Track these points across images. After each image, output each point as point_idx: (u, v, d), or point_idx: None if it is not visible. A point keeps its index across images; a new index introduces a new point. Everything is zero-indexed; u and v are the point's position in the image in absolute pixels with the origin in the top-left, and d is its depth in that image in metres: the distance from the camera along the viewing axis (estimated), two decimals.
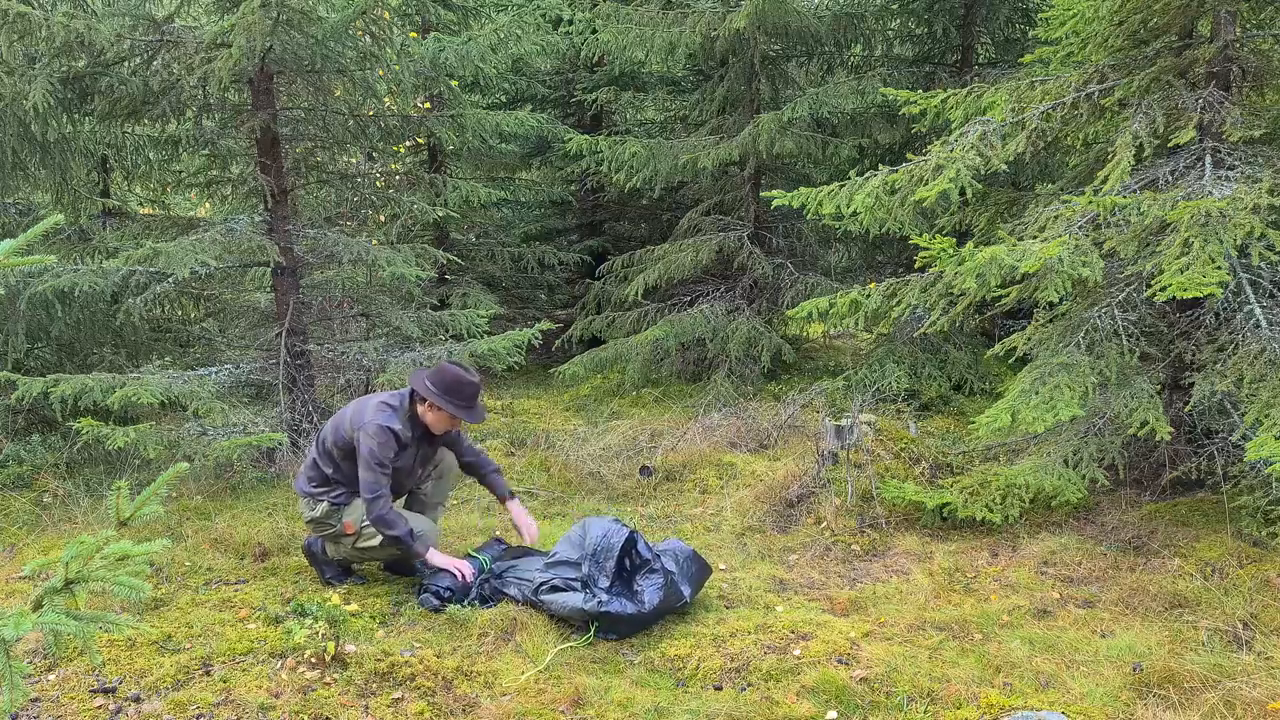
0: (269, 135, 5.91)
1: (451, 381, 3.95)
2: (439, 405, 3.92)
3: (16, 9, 4.88)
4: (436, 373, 3.98)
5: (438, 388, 3.94)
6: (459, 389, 3.95)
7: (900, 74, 8.19)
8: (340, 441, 4.02)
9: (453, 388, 3.94)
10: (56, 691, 3.28)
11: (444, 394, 3.93)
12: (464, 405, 3.97)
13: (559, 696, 3.25)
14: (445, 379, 3.95)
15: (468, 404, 3.98)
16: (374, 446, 3.87)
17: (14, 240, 1.77)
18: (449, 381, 3.95)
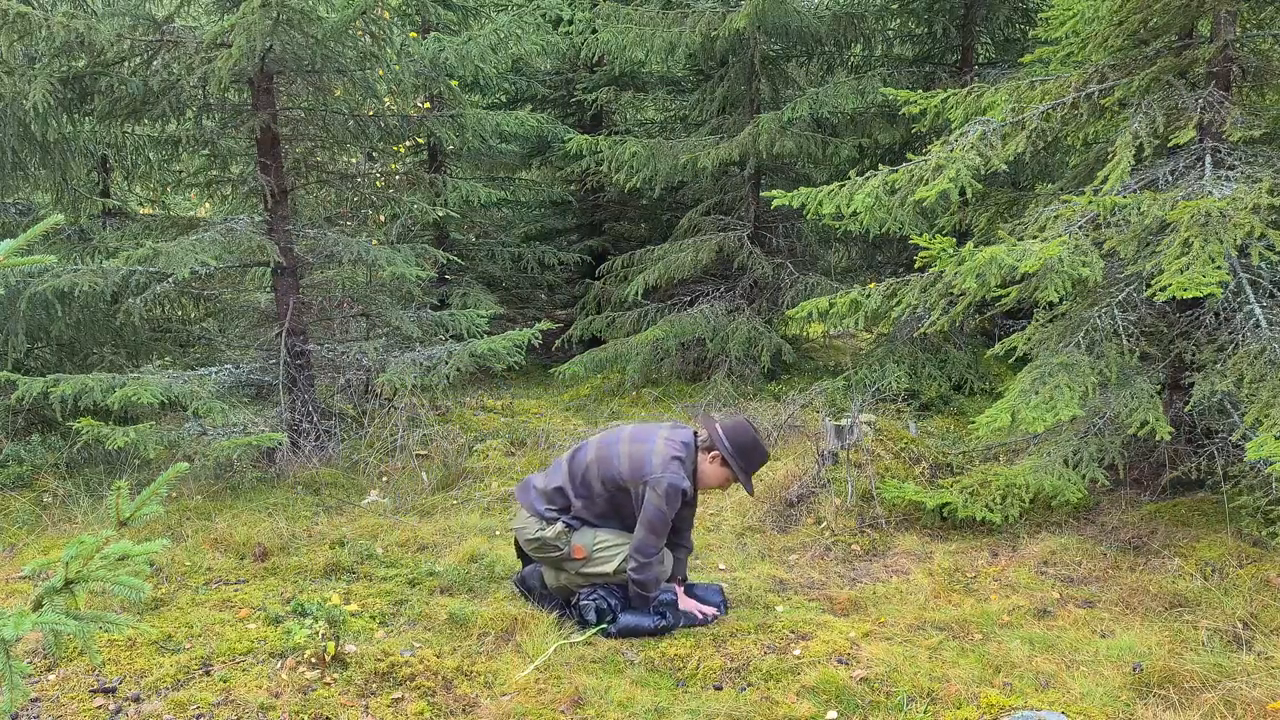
0: (269, 135, 5.91)
1: (749, 443, 3.71)
2: (730, 465, 3.70)
3: (16, 9, 4.88)
4: (734, 428, 3.73)
5: (733, 445, 3.69)
6: (753, 454, 3.72)
7: (900, 74, 8.19)
8: (611, 481, 3.72)
9: (748, 450, 3.71)
10: (56, 691, 3.28)
11: (738, 454, 3.70)
12: (750, 471, 3.75)
13: (559, 696, 3.25)
14: (743, 439, 3.71)
15: (753, 470, 3.77)
16: (663, 508, 3.60)
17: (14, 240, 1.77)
18: (747, 443, 3.71)
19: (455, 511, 5.23)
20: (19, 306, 5.75)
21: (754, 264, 8.38)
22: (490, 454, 6.37)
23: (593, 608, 3.75)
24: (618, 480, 3.70)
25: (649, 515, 3.60)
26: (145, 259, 5.35)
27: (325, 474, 5.68)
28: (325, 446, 6.03)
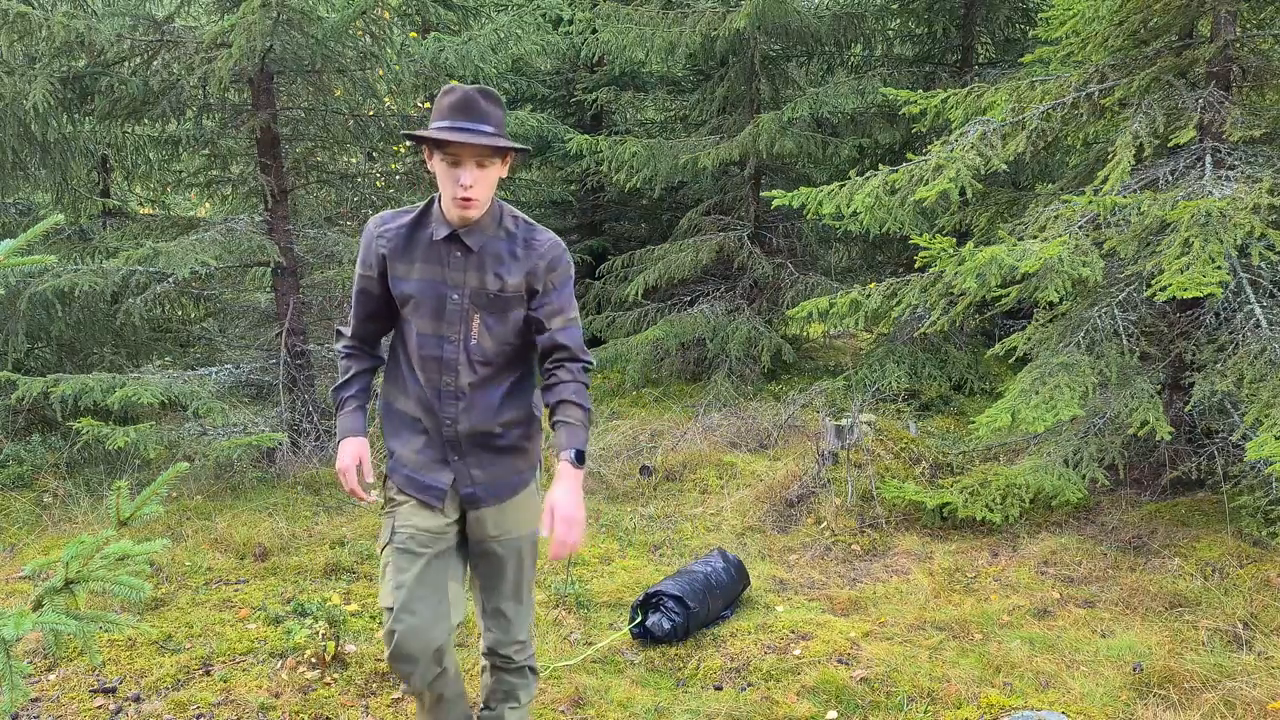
0: (269, 135, 5.91)
1: (440, 98, 2.25)
2: (415, 133, 2.22)
3: (17, 9, 4.88)
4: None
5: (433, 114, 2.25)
6: (437, 102, 2.25)
7: (900, 74, 8.19)
8: None
9: (435, 106, 2.25)
10: (57, 691, 3.28)
11: (434, 116, 2.24)
12: (451, 116, 2.20)
13: (559, 696, 3.25)
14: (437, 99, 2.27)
15: (456, 114, 2.20)
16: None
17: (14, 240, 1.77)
18: (439, 100, 2.25)
19: None
20: (19, 306, 5.75)
21: (754, 264, 8.38)
22: None
23: (648, 634, 3.67)
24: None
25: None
26: (145, 259, 5.34)
27: (325, 474, 5.68)
28: (325, 446, 6.02)
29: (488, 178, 2.22)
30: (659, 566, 4.49)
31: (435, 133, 2.16)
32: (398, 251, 2.30)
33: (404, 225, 2.31)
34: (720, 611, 3.85)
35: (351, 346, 2.45)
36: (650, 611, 3.68)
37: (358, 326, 2.43)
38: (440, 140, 2.16)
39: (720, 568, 3.94)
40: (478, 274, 2.29)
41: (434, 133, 2.16)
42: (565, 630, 3.79)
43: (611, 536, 4.94)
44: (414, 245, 2.29)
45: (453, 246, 2.28)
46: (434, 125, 2.20)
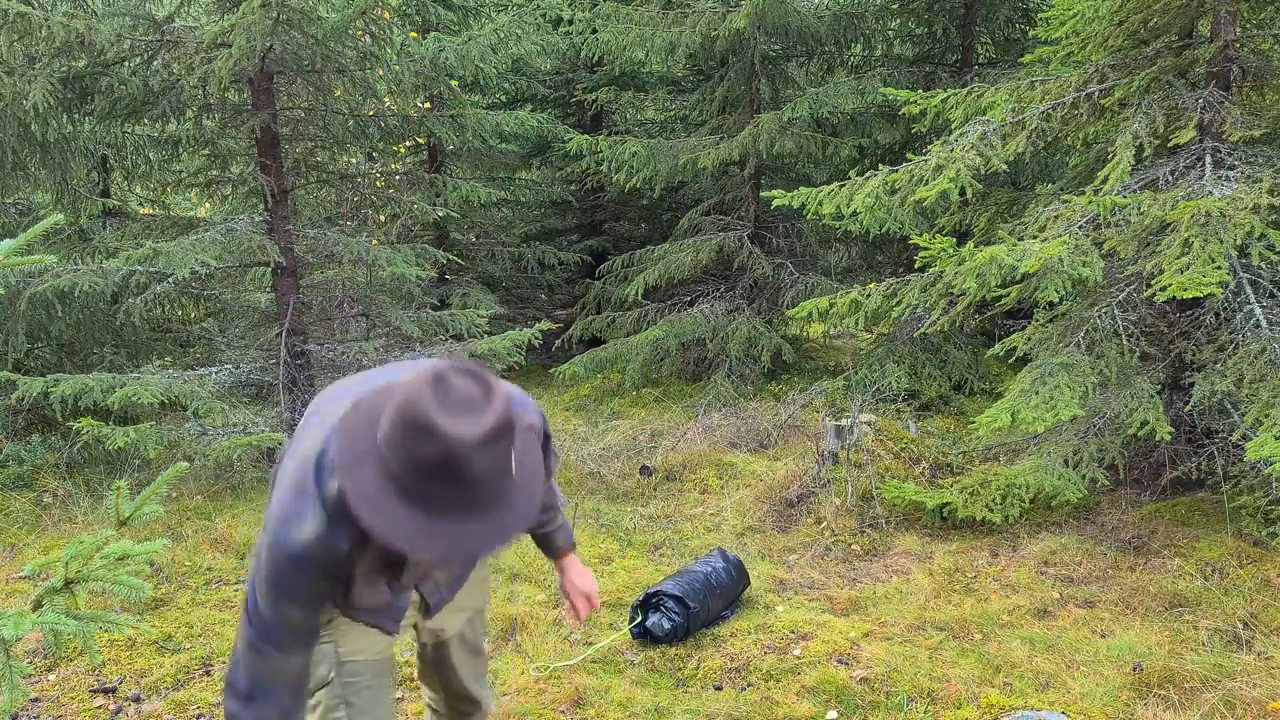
0: (269, 135, 5.91)
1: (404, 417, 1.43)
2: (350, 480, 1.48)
3: (17, 9, 4.88)
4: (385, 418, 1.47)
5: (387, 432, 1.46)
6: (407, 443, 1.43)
7: (900, 74, 8.19)
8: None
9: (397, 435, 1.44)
10: (57, 691, 3.28)
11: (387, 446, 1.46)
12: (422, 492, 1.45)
13: (559, 696, 3.25)
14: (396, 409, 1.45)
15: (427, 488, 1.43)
16: (263, 585, 1.66)
17: (14, 240, 1.77)
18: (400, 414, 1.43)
19: None
20: (19, 306, 5.75)
21: (754, 264, 8.38)
22: None
23: (647, 635, 3.66)
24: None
25: (246, 602, 1.71)
26: (145, 259, 5.34)
27: None
28: None
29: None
30: (659, 566, 4.49)
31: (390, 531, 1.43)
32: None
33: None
34: (720, 611, 3.86)
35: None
36: (650, 611, 3.68)
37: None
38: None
39: (720, 568, 3.94)
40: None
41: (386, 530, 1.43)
42: (565, 630, 3.79)
43: (611, 536, 4.94)
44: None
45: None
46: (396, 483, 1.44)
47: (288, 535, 1.60)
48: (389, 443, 1.44)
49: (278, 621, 1.65)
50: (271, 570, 1.62)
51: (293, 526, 1.61)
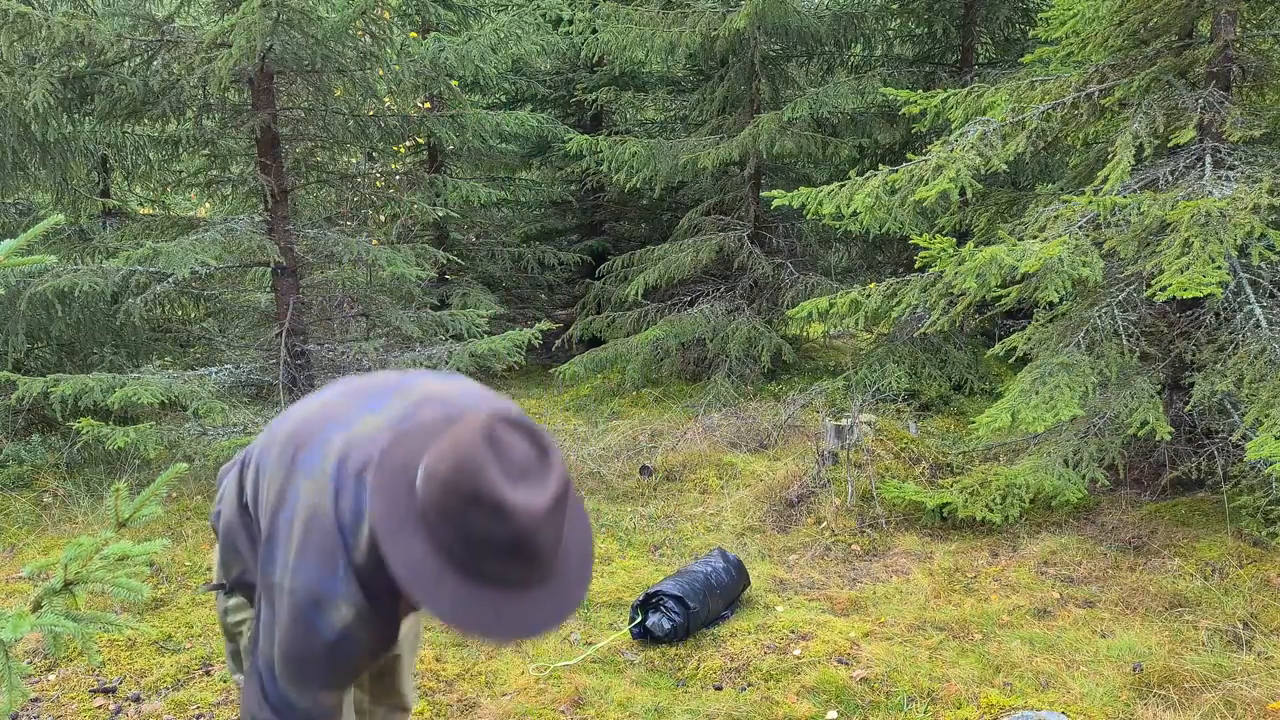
0: (269, 135, 5.91)
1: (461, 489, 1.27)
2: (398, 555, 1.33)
3: (17, 9, 4.88)
4: (444, 442, 1.32)
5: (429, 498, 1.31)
6: (472, 519, 1.27)
7: (900, 74, 8.19)
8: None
9: (455, 506, 1.28)
10: (57, 692, 3.28)
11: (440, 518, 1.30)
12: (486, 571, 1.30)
13: (559, 696, 3.25)
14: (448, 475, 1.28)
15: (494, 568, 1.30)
16: (288, 671, 1.49)
17: (14, 240, 1.77)
18: (455, 484, 1.27)
19: None
20: (19, 306, 5.75)
21: (754, 264, 8.38)
22: None
23: (647, 635, 3.65)
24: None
25: (280, 640, 1.50)
26: (145, 259, 5.34)
27: None
28: None
29: None
30: (659, 566, 4.49)
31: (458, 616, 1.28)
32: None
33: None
34: (720, 611, 3.86)
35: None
36: (650, 611, 3.68)
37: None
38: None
39: (720, 568, 3.94)
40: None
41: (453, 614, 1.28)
42: (565, 630, 3.79)
43: (611, 536, 4.94)
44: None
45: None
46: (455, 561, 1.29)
47: (323, 619, 1.39)
48: (442, 514, 1.26)
49: (307, 706, 1.47)
50: (303, 657, 1.43)
51: (328, 609, 1.39)
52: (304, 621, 1.41)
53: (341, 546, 1.41)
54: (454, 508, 1.26)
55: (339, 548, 1.41)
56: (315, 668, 1.44)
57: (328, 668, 1.44)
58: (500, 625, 1.28)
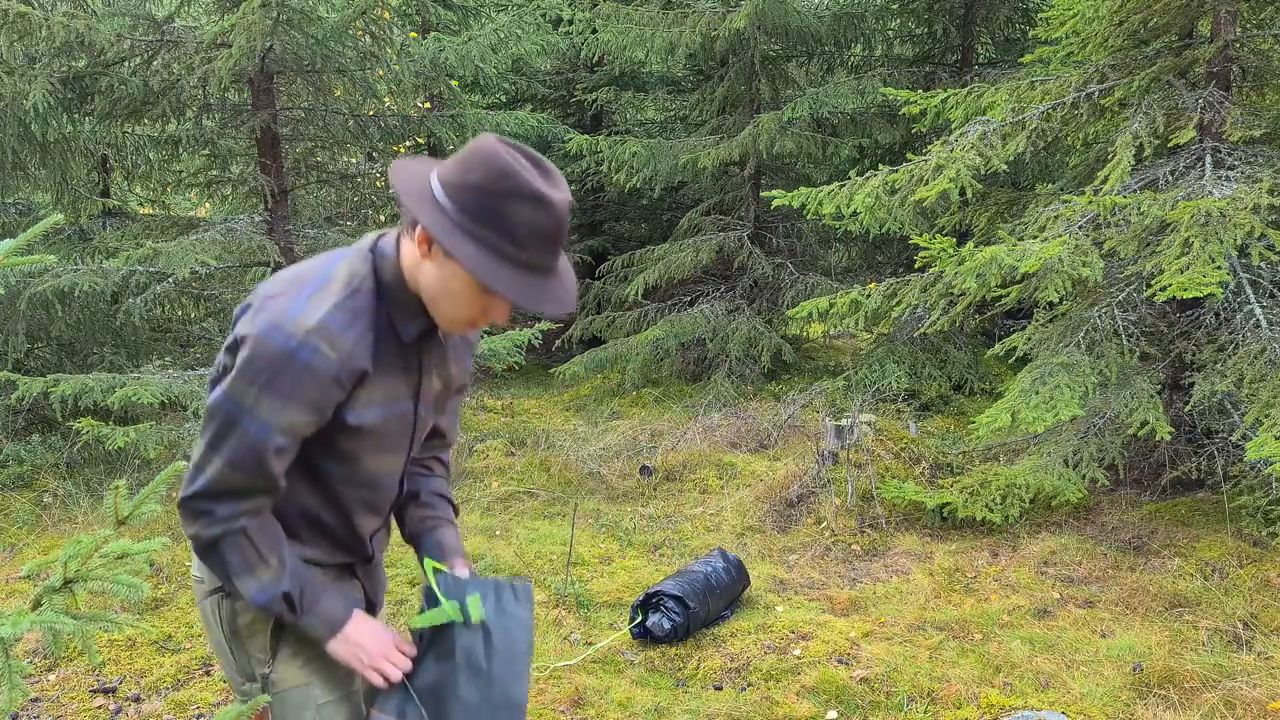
0: (269, 135, 5.91)
1: (489, 179, 1.45)
2: (455, 247, 1.44)
3: (17, 9, 4.88)
4: (459, 164, 1.52)
5: (456, 195, 1.48)
6: (506, 203, 1.44)
7: (900, 74, 8.20)
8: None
9: (493, 196, 1.44)
10: (56, 691, 3.28)
11: (472, 212, 1.45)
12: (518, 250, 1.46)
13: (559, 696, 3.25)
14: (475, 171, 1.48)
15: (546, 253, 1.49)
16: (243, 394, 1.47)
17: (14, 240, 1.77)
18: (483, 178, 1.46)
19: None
20: (19, 306, 5.75)
21: (754, 264, 8.38)
22: (490, 454, 6.37)
23: (648, 634, 3.65)
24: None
25: (214, 403, 1.50)
26: (145, 259, 5.34)
27: None
28: None
29: None
30: (659, 566, 4.49)
31: (503, 284, 1.43)
32: (370, 372, 1.53)
33: (366, 330, 1.51)
34: (720, 611, 3.85)
35: (262, 511, 1.55)
36: (650, 611, 3.68)
37: (275, 485, 1.53)
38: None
39: (720, 568, 3.94)
40: (439, 373, 1.68)
41: (501, 284, 1.43)
42: (565, 630, 3.79)
43: (611, 536, 4.94)
44: (383, 357, 1.54)
45: (427, 344, 1.62)
46: (499, 246, 1.43)
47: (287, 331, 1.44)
48: (485, 215, 1.43)
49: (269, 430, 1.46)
50: (268, 368, 1.43)
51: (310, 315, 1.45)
52: (265, 342, 1.44)
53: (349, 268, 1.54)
54: (498, 207, 1.42)
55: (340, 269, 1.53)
56: (279, 379, 1.44)
57: (296, 377, 1.44)
58: (548, 300, 1.47)
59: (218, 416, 1.47)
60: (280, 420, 1.45)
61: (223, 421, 1.47)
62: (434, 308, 1.54)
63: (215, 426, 1.48)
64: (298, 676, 1.62)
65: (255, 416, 1.45)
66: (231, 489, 1.49)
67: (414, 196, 1.48)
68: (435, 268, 1.49)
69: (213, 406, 1.48)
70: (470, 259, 1.42)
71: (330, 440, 1.55)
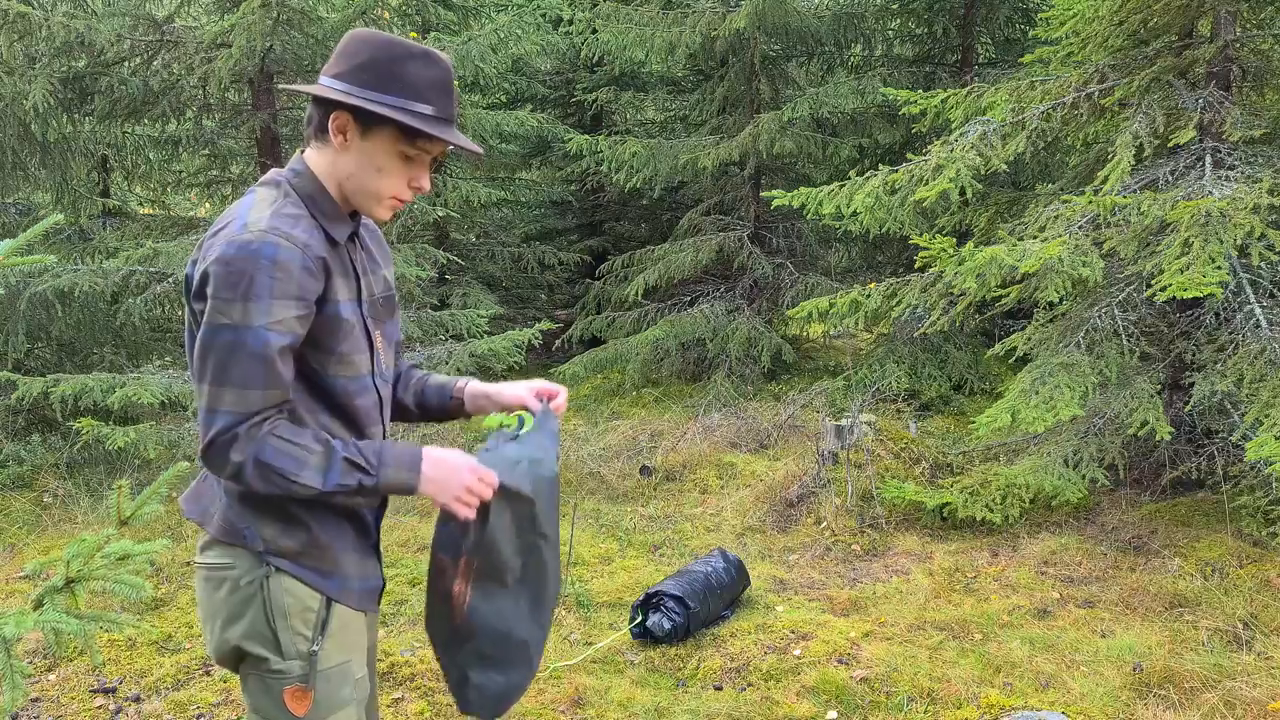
0: (269, 135, 5.92)
1: (378, 52, 1.60)
2: (372, 107, 1.56)
3: (17, 9, 4.88)
4: (342, 56, 1.61)
5: (354, 77, 1.58)
6: (401, 65, 1.59)
7: (900, 74, 8.20)
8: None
9: (386, 65, 1.59)
10: (57, 691, 3.28)
11: (373, 85, 1.58)
12: (427, 105, 1.62)
13: (559, 696, 3.25)
14: (362, 52, 1.60)
15: (440, 99, 1.64)
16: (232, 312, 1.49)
17: (14, 240, 1.77)
18: (373, 54, 1.59)
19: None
20: (19, 306, 5.75)
21: (754, 264, 8.38)
22: None
23: (648, 634, 3.65)
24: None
25: (204, 336, 1.51)
26: (145, 259, 5.35)
27: None
28: None
29: None
30: (659, 566, 4.50)
31: (428, 125, 1.58)
32: (330, 264, 1.60)
33: (315, 228, 1.59)
34: (720, 611, 3.86)
35: (279, 416, 1.57)
36: (651, 611, 3.68)
37: (286, 389, 1.57)
38: (423, 133, 1.59)
39: (720, 568, 3.94)
40: (371, 276, 1.75)
41: (426, 125, 1.58)
42: (565, 630, 3.79)
43: (611, 536, 4.94)
44: (329, 256, 1.61)
45: (354, 247, 1.71)
46: (407, 105, 1.58)
47: (271, 229, 1.52)
48: (387, 80, 1.58)
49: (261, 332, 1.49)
50: (240, 279, 1.48)
51: (274, 224, 1.53)
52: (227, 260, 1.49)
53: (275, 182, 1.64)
54: (396, 70, 1.58)
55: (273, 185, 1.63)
56: (258, 281, 1.49)
57: (272, 276, 1.49)
58: (465, 141, 1.68)
59: (212, 348, 1.50)
60: (270, 319, 1.49)
61: (220, 349, 1.50)
62: (360, 193, 1.64)
63: (214, 359, 1.50)
64: (341, 653, 1.67)
65: (249, 327, 1.48)
66: (249, 409, 1.51)
67: (323, 92, 1.59)
68: (355, 154, 1.61)
69: (203, 344, 1.51)
70: (398, 115, 1.56)
71: (331, 344, 1.60)
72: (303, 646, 1.62)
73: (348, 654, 1.69)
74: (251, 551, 1.61)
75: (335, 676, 1.66)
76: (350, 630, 1.70)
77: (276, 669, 1.62)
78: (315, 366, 1.61)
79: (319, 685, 1.64)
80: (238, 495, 1.62)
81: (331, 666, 1.66)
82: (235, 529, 1.62)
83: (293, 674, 1.62)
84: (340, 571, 1.67)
